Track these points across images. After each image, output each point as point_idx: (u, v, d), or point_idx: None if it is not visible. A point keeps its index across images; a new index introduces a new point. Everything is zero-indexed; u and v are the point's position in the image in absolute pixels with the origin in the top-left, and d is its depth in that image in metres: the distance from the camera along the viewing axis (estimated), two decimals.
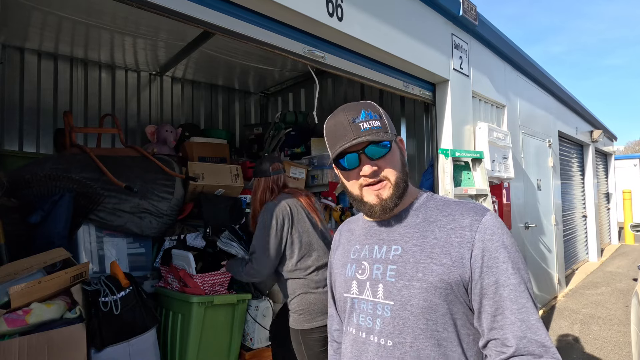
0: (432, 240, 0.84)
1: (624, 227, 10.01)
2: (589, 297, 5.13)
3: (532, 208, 4.56)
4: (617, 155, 11.97)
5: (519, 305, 0.76)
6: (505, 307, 0.77)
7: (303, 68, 4.27)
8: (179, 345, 2.37)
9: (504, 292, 0.78)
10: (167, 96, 4.52)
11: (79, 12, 2.88)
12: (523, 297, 0.77)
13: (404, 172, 0.91)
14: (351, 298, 0.93)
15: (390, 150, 0.88)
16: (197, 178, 3.20)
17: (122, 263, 2.68)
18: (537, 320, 0.76)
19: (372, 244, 0.93)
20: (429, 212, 0.90)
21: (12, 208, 2.38)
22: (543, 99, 5.29)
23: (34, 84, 3.59)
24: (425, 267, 0.82)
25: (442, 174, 2.94)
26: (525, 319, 0.76)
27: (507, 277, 0.78)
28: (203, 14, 1.74)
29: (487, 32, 3.66)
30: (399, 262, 0.86)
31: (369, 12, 2.35)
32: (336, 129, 0.89)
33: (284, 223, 2.03)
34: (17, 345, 1.68)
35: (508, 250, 0.80)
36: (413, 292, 0.82)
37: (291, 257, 2.05)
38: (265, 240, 2.01)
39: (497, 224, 0.83)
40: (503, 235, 0.81)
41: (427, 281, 0.81)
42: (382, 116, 0.90)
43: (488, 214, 0.84)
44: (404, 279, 0.84)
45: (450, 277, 0.80)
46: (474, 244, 0.80)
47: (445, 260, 0.81)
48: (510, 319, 0.77)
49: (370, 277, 0.89)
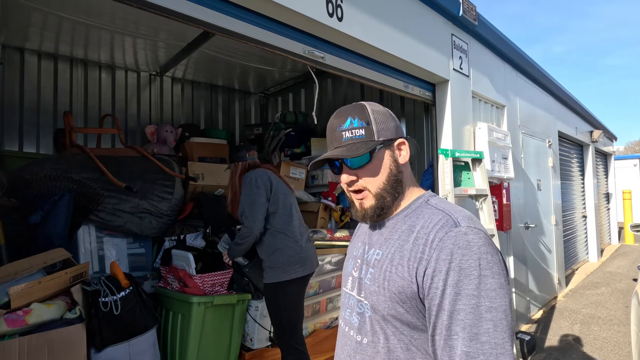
0: (404, 251, 0.83)
1: (624, 227, 10.00)
2: (589, 297, 5.13)
3: (532, 208, 4.55)
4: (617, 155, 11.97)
5: (450, 333, 0.72)
6: (438, 334, 0.74)
7: (303, 68, 4.27)
8: (179, 346, 2.37)
9: (441, 318, 0.73)
10: (167, 96, 4.52)
11: (79, 12, 2.88)
12: (458, 325, 0.71)
13: (390, 181, 0.88)
14: (345, 292, 0.98)
15: (370, 161, 0.87)
16: (197, 178, 3.21)
17: (122, 263, 2.68)
18: (462, 352, 0.70)
19: (365, 244, 0.96)
20: (416, 220, 0.86)
21: (12, 208, 2.38)
22: (543, 99, 5.29)
23: (34, 84, 3.59)
24: (390, 276, 0.82)
25: (442, 174, 2.94)
26: (451, 348, 0.71)
27: (449, 304, 0.72)
28: (203, 14, 1.74)
29: (487, 32, 3.66)
30: (376, 267, 0.87)
31: (368, 12, 2.35)
32: (328, 134, 0.92)
33: (266, 183, 2.32)
34: (17, 346, 1.68)
35: (461, 274, 0.72)
36: (380, 298, 0.83)
37: (274, 214, 2.31)
38: (252, 199, 2.25)
39: (460, 243, 0.74)
40: (462, 256, 0.73)
41: (390, 290, 0.82)
42: (370, 122, 0.87)
43: (453, 231, 0.76)
44: (375, 284, 0.85)
45: (408, 291, 0.79)
46: (429, 261, 0.76)
47: (405, 274, 0.80)
48: (439, 344, 0.73)
49: (360, 275, 0.93)
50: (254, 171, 2.37)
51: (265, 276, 2.30)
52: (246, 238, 2.26)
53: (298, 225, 2.40)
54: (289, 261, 2.25)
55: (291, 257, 2.26)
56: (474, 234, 0.76)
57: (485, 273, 0.72)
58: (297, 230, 2.37)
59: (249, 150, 2.51)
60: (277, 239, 2.29)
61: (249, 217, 2.24)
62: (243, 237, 2.26)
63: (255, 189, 2.27)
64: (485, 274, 0.72)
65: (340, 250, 3.11)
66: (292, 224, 2.36)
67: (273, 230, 2.30)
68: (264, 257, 2.31)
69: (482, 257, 0.73)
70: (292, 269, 2.25)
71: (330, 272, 3.04)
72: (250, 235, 2.25)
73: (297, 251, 2.29)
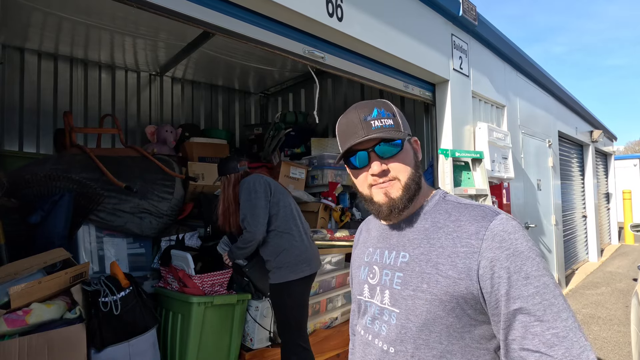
0: (439, 249, 0.80)
1: (624, 227, 10.00)
2: (589, 297, 5.13)
3: (532, 208, 4.55)
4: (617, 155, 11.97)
5: (532, 319, 0.70)
6: (516, 320, 0.71)
7: (303, 68, 4.27)
8: (179, 346, 2.37)
9: (516, 303, 0.71)
10: (167, 96, 4.52)
11: (79, 12, 2.88)
12: (542, 305, 0.70)
13: (417, 174, 0.87)
14: (364, 301, 0.93)
15: (402, 150, 0.85)
16: (197, 178, 3.21)
17: (122, 263, 2.68)
18: (563, 327, 0.68)
19: (383, 249, 0.91)
20: (438, 216, 0.85)
21: (12, 208, 2.38)
22: (543, 99, 5.29)
23: (34, 84, 3.59)
24: (430, 278, 0.78)
25: (442, 174, 2.94)
26: (535, 335, 0.69)
27: (520, 287, 0.71)
28: (203, 14, 1.74)
29: (487, 32, 3.66)
30: (406, 270, 0.83)
31: (368, 12, 2.35)
32: (347, 127, 0.86)
33: (264, 186, 2.31)
34: (17, 346, 1.68)
35: (521, 257, 0.72)
36: (417, 302, 0.79)
37: (277, 215, 2.31)
38: (252, 203, 2.24)
39: (508, 228, 0.75)
40: (515, 241, 0.74)
41: (431, 293, 0.78)
42: (395, 115, 0.87)
43: (497, 219, 0.77)
44: (409, 288, 0.81)
45: (456, 290, 0.75)
46: (480, 253, 0.74)
47: (450, 272, 0.76)
48: (518, 332, 0.71)
49: (380, 282, 0.88)
50: (250, 177, 2.36)
51: (272, 277, 2.28)
52: (249, 243, 2.24)
53: (301, 224, 2.41)
54: (296, 260, 2.25)
55: (298, 257, 2.26)
56: (513, 221, 0.78)
57: (536, 253, 0.75)
58: (301, 229, 2.38)
59: (239, 160, 2.48)
60: (283, 239, 2.28)
61: (251, 222, 2.22)
62: (246, 242, 2.25)
63: (254, 193, 2.26)
64: (536, 254, 0.75)
65: (340, 250, 3.11)
66: (296, 224, 2.37)
67: (278, 232, 2.29)
68: (269, 258, 2.30)
69: (528, 239, 0.76)
70: (299, 268, 2.25)
71: (330, 272, 3.04)
72: (254, 240, 2.23)
73: (304, 250, 2.30)
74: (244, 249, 2.27)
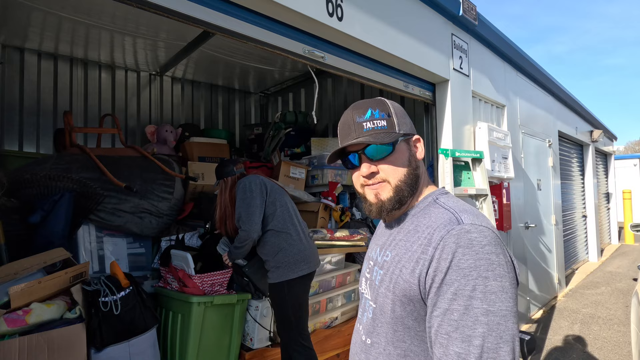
0: (409, 252, 0.81)
1: (624, 227, 10.00)
2: (589, 297, 5.13)
3: (532, 208, 4.55)
4: (617, 155, 11.97)
5: (444, 332, 0.71)
6: (433, 332, 0.73)
7: (303, 68, 4.27)
8: (179, 346, 2.37)
9: (437, 316, 0.72)
10: (167, 96, 4.52)
11: (79, 12, 2.88)
12: (451, 325, 0.69)
13: (410, 175, 0.85)
14: (361, 292, 1.00)
15: (392, 152, 0.84)
16: (197, 178, 3.21)
17: (122, 263, 2.68)
18: (454, 353, 0.68)
19: (378, 246, 0.95)
20: (421, 219, 0.84)
21: (12, 208, 2.38)
22: (543, 99, 5.29)
23: (34, 84, 3.59)
24: (396, 279, 0.81)
25: (442, 174, 2.94)
26: (444, 346, 0.70)
27: (446, 303, 0.70)
28: (203, 14, 1.74)
29: (487, 32, 3.65)
30: (384, 268, 0.86)
31: (368, 12, 2.35)
32: (342, 127, 0.89)
33: (260, 186, 2.32)
34: (17, 345, 1.68)
35: (460, 274, 0.70)
36: (385, 300, 0.83)
37: (273, 214, 2.32)
38: (247, 202, 2.25)
39: (461, 241, 0.72)
40: (462, 256, 0.71)
41: (394, 293, 0.80)
42: (391, 115, 0.86)
43: (455, 229, 0.74)
44: (383, 286, 0.84)
45: (411, 294, 0.77)
46: (431, 262, 0.74)
47: (408, 276, 0.78)
48: (434, 341, 0.73)
49: (371, 277, 0.92)
50: (246, 177, 2.38)
51: (271, 276, 2.30)
52: (244, 242, 2.26)
53: (298, 223, 2.42)
54: (294, 259, 2.27)
55: (296, 255, 2.28)
56: (478, 232, 0.72)
57: (486, 275, 0.69)
58: (299, 228, 2.39)
59: (235, 164, 2.50)
60: (280, 239, 2.30)
61: (245, 221, 2.24)
62: (241, 241, 2.27)
63: (249, 192, 2.28)
64: (486, 276, 0.69)
65: (340, 250, 3.10)
66: (293, 223, 2.38)
67: (275, 231, 2.31)
68: (268, 258, 2.31)
69: (484, 257, 0.70)
70: (298, 266, 2.26)
71: (330, 272, 3.03)
72: (249, 239, 2.25)
73: (302, 249, 2.31)
74: (240, 248, 2.28)
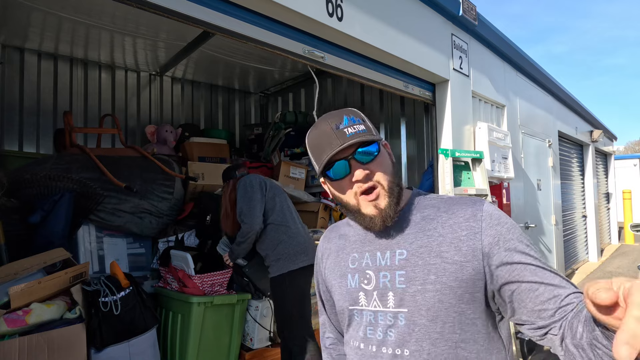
0: (438, 238, 0.81)
1: (624, 227, 10.00)
2: None
3: (532, 208, 4.55)
4: (617, 155, 11.97)
5: (547, 275, 0.73)
6: (538, 284, 0.73)
7: (303, 68, 4.27)
8: (179, 346, 2.37)
9: (529, 269, 0.74)
10: (167, 96, 4.52)
11: (79, 12, 2.88)
12: (547, 267, 0.76)
13: (396, 176, 0.87)
14: (358, 310, 0.87)
15: (379, 154, 0.85)
16: (197, 178, 3.21)
17: (122, 263, 2.68)
18: (562, 279, 0.75)
19: (373, 251, 0.87)
20: (425, 210, 0.87)
21: (12, 208, 2.38)
22: (543, 99, 5.29)
23: (34, 84, 3.59)
24: (437, 267, 0.79)
25: (442, 174, 2.94)
26: (556, 282, 0.73)
27: (525, 255, 0.76)
28: (203, 14, 1.74)
29: (486, 32, 3.65)
30: (407, 267, 0.81)
31: (368, 12, 2.35)
32: (320, 139, 0.84)
33: (260, 183, 2.42)
34: (17, 345, 1.68)
35: (517, 229, 0.80)
36: (427, 295, 0.78)
37: (273, 209, 2.40)
38: (248, 197, 2.34)
39: (497, 210, 0.83)
40: (507, 218, 0.82)
41: (441, 282, 0.78)
42: (364, 120, 0.86)
43: (486, 203, 0.84)
44: (416, 284, 0.79)
45: (464, 274, 0.77)
46: (482, 232, 0.79)
47: (456, 257, 0.78)
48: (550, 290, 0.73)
49: (378, 286, 0.84)
50: (246, 176, 2.49)
51: (271, 270, 2.33)
52: (247, 235, 2.29)
53: (296, 217, 2.50)
54: (294, 251, 2.31)
55: (296, 247, 2.32)
56: (494, 204, 0.88)
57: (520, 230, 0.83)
58: (297, 221, 2.46)
59: (238, 167, 2.64)
60: (280, 232, 2.35)
61: (247, 214, 2.30)
62: (244, 235, 2.30)
63: (250, 188, 2.37)
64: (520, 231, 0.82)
65: None
66: (292, 217, 2.46)
67: (275, 225, 2.37)
68: (268, 252, 2.35)
69: (509, 217, 0.84)
70: (298, 258, 2.30)
71: None
72: (251, 231, 2.29)
73: (301, 241, 2.36)
74: (243, 242, 2.31)
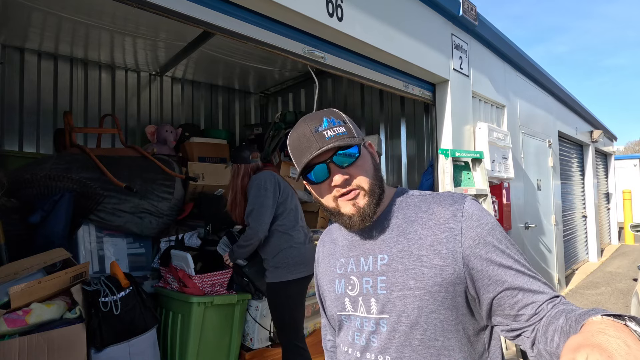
0: (418, 241, 0.79)
1: (624, 227, 10.00)
2: (589, 297, 5.12)
3: (532, 208, 4.55)
4: (617, 155, 11.97)
5: (526, 281, 0.74)
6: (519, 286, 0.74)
7: (303, 68, 4.27)
8: (179, 346, 2.37)
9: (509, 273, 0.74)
10: (167, 96, 4.52)
11: (79, 12, 2.88)
12: (527, 271, 0.75)
13: (378, 177, 0.85)
14: (346, 316, 0.88)
15: (359, 156, 0.82)
16: (197, 178, 3.21)
17: (122, 263, 2.68)
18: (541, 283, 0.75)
19: (357, 256, 0.87)
20: (407, 211, 0.85)
21: (12, 208, 2.38)
22: (543, 99, 5.29)
23: (34, 84, 3.59)
24: (416, 272, 0.77)
25: (442, 174, 2.94)
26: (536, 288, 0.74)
27: (506, 257, 0.75)
28: (203, 14, 1.74)
29: (486, 32, 3.66)
30: (388, 272, 0.80)
31: (368, 12, 2.35)
32: (300, 141, 0.82)
33: (275, 186, 2.32)
34: (17, 345, 1.68)
35: (497, 231, 0.78)
36: (407, 301, 0.77)
37: (282, 215, 2.33)
38: (260, 201, 2.25)
39: (479, 208, 0.80)
40: (488, 218, 0.79)
41: (420, 287, 0.76)
42: (346, 121, 0.84)
43: (467, 201, 0.81)
44: (396, 289, 0.78)
45: (444, 279, 0.76)
46: (462, 235, 0.76)
47: (435, 261, 0.76)
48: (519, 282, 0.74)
49: (362, 292, 0.84)
50: (262, 173, 2.35)
51: (268, 275, 2.31)
52: (250, 240, 2.24)
53: (302, 227, 2.43)
54: (293, 262, 2.27)
55: (295, 258, 2.28)
56: (477, 201, 0.84)
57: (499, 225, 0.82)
58: (301, 232, 2.40)
59: (252, 151, 2.46)
60: (282, 240, 2.30)
61: (255, 218, 2.23)
62: (247, 240, 2.25)
63: (264, 191, 2.26)
64: (501, 230, 0.81)
65: None
66: (298, 225, 2.39)
67: (279, 231, 2.31)
68: (267, 257, 2.32)
69: (491, 216, 0.81)
70: (296, 269, 2.27)
71: None
72: (255, 237, 2.24)
73: (301, 252, 2.31)
74: (245, 247, 2.27)
